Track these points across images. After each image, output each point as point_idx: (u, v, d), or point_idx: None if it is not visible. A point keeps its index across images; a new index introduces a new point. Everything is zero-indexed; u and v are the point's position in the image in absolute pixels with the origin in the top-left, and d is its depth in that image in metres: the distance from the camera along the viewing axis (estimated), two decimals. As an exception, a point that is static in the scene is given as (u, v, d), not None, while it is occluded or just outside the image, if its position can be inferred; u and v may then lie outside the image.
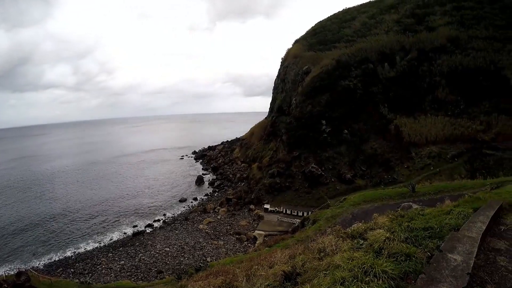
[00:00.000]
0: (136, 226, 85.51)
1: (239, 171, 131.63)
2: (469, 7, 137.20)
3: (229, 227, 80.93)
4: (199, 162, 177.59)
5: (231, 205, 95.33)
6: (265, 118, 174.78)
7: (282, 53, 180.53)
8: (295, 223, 65.43)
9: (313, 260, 9.23)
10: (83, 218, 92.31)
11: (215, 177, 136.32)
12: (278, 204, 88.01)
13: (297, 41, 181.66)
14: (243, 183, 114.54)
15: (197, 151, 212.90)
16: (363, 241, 9.51)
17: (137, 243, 73.44)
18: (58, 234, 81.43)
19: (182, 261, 63.73)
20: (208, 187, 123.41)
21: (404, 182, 76.51)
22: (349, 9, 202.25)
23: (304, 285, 7.55)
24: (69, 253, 70.52)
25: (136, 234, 78.74)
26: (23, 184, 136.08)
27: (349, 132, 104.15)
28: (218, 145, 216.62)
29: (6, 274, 44.24)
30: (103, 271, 61.62)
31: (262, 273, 10.80)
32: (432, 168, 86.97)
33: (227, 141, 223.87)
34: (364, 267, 6.84)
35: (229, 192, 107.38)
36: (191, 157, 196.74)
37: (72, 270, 62.57)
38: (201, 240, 73.63)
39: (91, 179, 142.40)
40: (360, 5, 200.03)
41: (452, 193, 37.33)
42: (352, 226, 12.70)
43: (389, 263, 7.05)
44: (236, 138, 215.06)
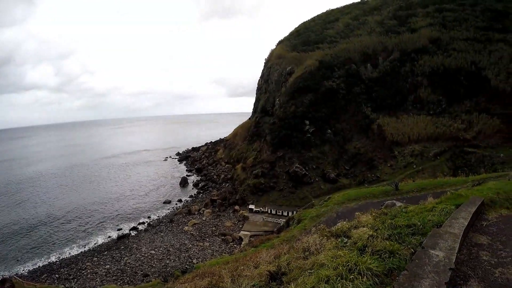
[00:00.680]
0: (120, 229, 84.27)
1: (223, 172, 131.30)
2: (451, 9, 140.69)
3: (214, 228, 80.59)
4: (183, 163, 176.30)
5: (216, 206, 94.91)
6: (249, 118, 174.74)
7: (266, 54, 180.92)
8: (280, 223, 65.58)
9: (298, 259, 9.28)
10: (67, 222, 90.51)
11: (199, 178, 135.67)
12: (263, 205, 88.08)
13: (280, 42, 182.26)
14: (228, 184, 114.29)
15: (181, 152, 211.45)
16: (347, 239, 9.58)
17: (122, 247, 72.34)
18: (42, 239, 79.47)
19: (168, 263, 63.19)
20: (193, 188, 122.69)
21: (388, 181, 77.61)
22: (332, 10, 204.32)
23: (289, 284, 7.57)
24: (53, 258, 68.92)
25: (121, 238, 77.48)
26: (5, 189, 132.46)
27: (332, 132, 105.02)
28: (202, 146, 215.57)
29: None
30: (89, 276, 60.53)
31: (248, 273, 10.80)
32: (415, 166, 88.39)
33: (211, 142, 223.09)
34: (348, 265, 6.89)
35: (213, 193, 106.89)
36: (175, 158, 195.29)
37: (57, 275, 61.20)
38: (186, 242, 73.11)
39: (75, 182, 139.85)
40: (344, 6, 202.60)
41: (435, 191, 37.90)
42: (337, 224, 12.77)
43: (373, 260, 7.11)
44: (220, 139, 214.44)
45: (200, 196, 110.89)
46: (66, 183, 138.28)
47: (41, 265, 66.49)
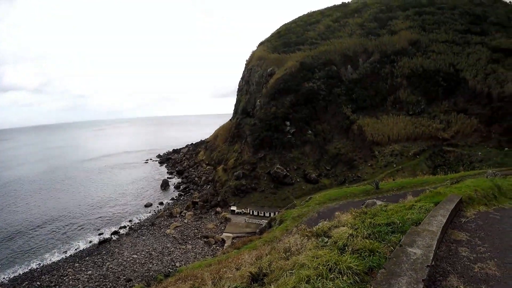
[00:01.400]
0: (101, 233, 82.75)
1: (204, 174, 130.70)
2: (430, 12, 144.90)
3: (196, 230, 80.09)
4: (164, 165, 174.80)
5: (198, 208, 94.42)
6: (230, 120, 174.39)
7: (247, 55, 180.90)
8: (262, 224, 65.59)
9: (279, 260, 9.29)
10: (47, 227, 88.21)
11: (180, 180, 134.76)
12: (244, 206, 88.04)
13: (261, 43, 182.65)
14: (209, 186, 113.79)
15: (161, 154, 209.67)
16: (327, 239, 9.65)
17: (104, 252, 71.05)
18: (22, 245, 77.18)
19: (151, 267, 62.43)
20: (174, 190, 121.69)
21: (368, 180, 78.65)
22: (313, 12, 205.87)
23: (270, 285, 7.59)
24: (34, 265, 67.05)
25: (102, 242, 76.18)
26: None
27: (313, 132, 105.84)
28: (182, 148, 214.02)
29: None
30: (71, 282, 59.13)
31: (230, 275, 10.81)
32: (395, 165, 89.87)
33: (191, 143, 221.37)
34: (329, 264, 6.93)
35: (195, 196, 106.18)
36: (156, 160, 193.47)
37: (38, 283, 59.55)
38: (169, 245, 72.43)
39: (54, 187, 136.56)
40: (325, 8, 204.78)
41: (415, 189, 38.48)
42: (318, 224, 12.86)
43: (353, 259, 7.18)
44: (201, 140, 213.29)
45: (181, 198, 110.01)
46: (45, 188, 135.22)
47: (21, 273, 64.61)
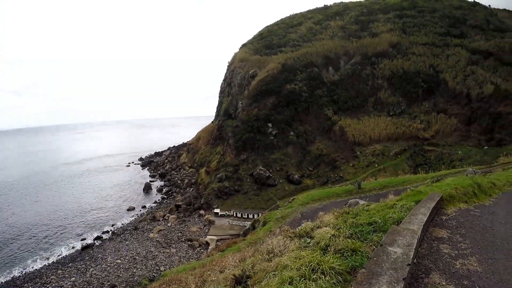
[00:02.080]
0: (84, 239, 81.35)
1: (187, 176, 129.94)
2: (411, 15, 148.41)
3: (180, 234, 79.55)
4: (146, 168, 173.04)
5: (181, 211, 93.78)
6: (212, 122, 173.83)
7: (229, 57, 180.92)
8: (246, 226, 65.53)
9: (262, 262, 9.29)
10: (28, 234, 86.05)
11: (163, 183, 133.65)
12: (228, 208, 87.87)
13: (244, 45, 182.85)
14: (192, 189, 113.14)
15: (143, 157, 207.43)
16: (310, 239, 9.68)
17: (87, 257, 69.85)
18: (3, 253, 74.95)
19: (135, 272, 61.63)
20: (157, 194, 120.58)
21: (351, 180, 79.36)
22: (295, 15, 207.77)
23: (253, 287, 7.59)
24: (16, 273, 65.35)
25: (85, 248, 74.81)
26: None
27: (295, 134, 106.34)
28: (165, 150, 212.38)
29: None
30: (54, 290, 58.44)
31: (214, 278, 10.76)
32: (376, 165, 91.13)
33: (173, 146, 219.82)
34: (311, 265, 6.95)
35: (178, 198, 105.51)
36: (138, 164, 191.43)
37: (21, 291, 58.83)
38: (152, 249, 71.72)
39: (35, 192, 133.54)
40: (307, 11, 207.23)
41: (396, 188, 38.97)
42: (301, 225, 12.90)
43: (335, 259, 7.20)
44: (183, 143, 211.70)
45: (164, 201, 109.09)
46: (26, 193, 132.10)
47: (3, 281, 62.78)
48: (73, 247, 77.11)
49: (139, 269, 63.14)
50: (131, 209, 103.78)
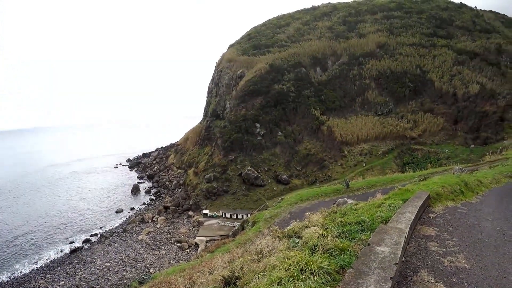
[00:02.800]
0: (72, 242, 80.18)
1: (175, 177, 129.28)
2: (398, 16, 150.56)
3: (169, 235, 79.04)
4: (134, 170, 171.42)
5: (170, 213, 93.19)
6: (200, 122, 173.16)
7: (217, 57, 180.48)
8: (235, 227, 65.45)
9: (251, 263, 9.30)
10: (15, 238, 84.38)
11: (151, 185, 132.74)
12: (217, 209, 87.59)
13: (231, 46, 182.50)
14: (180, 190, 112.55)
15: (131, 158, 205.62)
16: (298, 239, 9.71)
17: (76, 261, 68.92)
18: None
19: (125, 275, 61.00)
20: (145, 195, 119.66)
21: (339, 179, 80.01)
22: (283, 15, 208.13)
23: (242, 288, 7.59)
24: (4, 278, 64.16)
25: (74, 251, 73.77)
26: None
27: (283, 134, 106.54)
28: (152, 151, 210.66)
29: None
30: (43, 294, 57.64)
31: (203, 280, 10.74)
32: (364, 164, 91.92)
33: (161, 147, 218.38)
34: (300, 265, 6.97)
35: (166, 200, 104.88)
36: (126, 165, 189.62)
37: (10, 296, 57.91)
38: (142, 251, 71.08)
39: (20, 194, 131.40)
40: (294, 12, 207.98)
41: (384, 187, 39.45)
42: (289, 225, 12.91)
43: (324, 259, 7.24)
44: (171, 143, 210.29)
45: (153, 203, 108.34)
46: (11, 196, 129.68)
47: (-9, 287, 62.33)
48: (61, 251, 76.04)
49: (128, 271, 62.56)
50: (119, 211, 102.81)
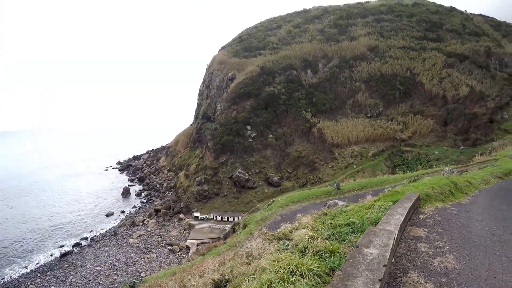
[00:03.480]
0: (62, 246, 78.98)
1: (166, 180, 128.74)
2: (389, 19, 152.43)
3: (160, 238, 78.56)
4: (125, 173, 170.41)
5: (160, 216, 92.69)
6: (190, 125, 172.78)
7: (208, 60, 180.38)
8: (226, 229, 65.29)
9: (241, 265, 9.29)
10: (4, 242, 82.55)
11: (142, 187, 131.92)
12: (208, 211, 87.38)
13: (223, 48, 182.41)
14: (171, 193, 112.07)
15: (121, 161, 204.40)
16: (288, 241, 9.72)
17: (66, 265, 67.97)
18: None
19: (116, 279, 60.42)
20: (135, 198, 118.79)
21: (329, 181, 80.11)
22: (275, 18, 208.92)
23: (233, 291, 7.57)
24: None
25: (64, 255, 72.69)
26: None
27: (274, 136, 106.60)
28: (143, 154, 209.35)
29: None
30: (33, 299, 56.89)
31: (193, 283, 10.67)
32: (355, 166, 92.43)
33: (152, 149, 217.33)
34: (290, 267, 6.97)
35: (157, 203, 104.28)
36: (116, 168, 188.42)
37: (-1, 302, 57.00)
38: (132, 255, 70.51)
39: (8, 197, 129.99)
40: (286, 14, 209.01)
41: (375, 188, 39.65)
42: (280, 228, 12.91)
43: (314, 261, 7.26)
44: (162, 146, 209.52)
45: (143, 206, 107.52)
46: (1, 198, 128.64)
47: (-20, 293, 61.31)
48: (51, 255, 74.96)
49: (119, 275, 61.98)
50: (109, 214, 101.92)
